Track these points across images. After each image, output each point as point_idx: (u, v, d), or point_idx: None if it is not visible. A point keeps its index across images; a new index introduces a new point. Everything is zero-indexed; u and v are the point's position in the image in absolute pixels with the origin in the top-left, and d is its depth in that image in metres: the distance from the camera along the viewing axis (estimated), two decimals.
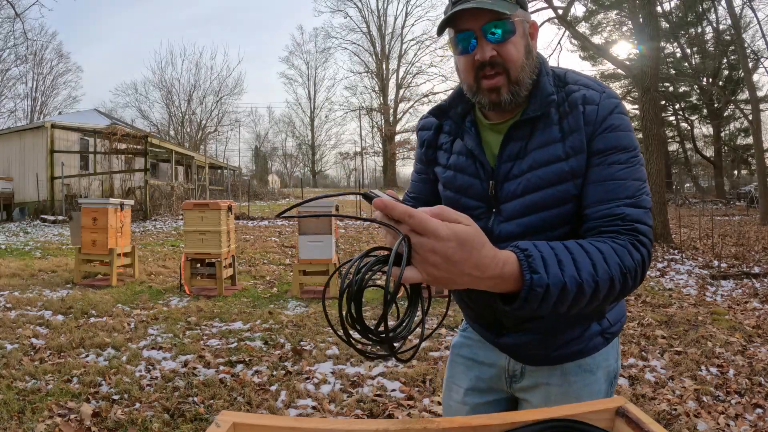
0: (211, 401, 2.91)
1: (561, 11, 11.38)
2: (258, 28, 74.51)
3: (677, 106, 29.32)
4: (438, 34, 0.95)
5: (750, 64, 17.29)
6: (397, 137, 37.33)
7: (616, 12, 22.63)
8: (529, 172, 0.94)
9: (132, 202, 7.22)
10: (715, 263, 7.48)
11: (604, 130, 0.90)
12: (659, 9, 16.41)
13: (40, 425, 2.53)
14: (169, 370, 3.39)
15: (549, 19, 12.27)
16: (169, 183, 19.26)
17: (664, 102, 26.19)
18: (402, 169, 38.36)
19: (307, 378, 3.30)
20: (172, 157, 20.67)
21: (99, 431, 2.55)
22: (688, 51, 25.47)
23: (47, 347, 3.77)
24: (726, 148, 28.49)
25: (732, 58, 23.26)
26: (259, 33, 75.38)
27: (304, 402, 2.95)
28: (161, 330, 4.33)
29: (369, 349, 0.72)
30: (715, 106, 26.62)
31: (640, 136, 10.61)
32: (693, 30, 23.75)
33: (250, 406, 2.89)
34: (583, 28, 22.39)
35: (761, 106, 19.12)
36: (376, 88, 40.37)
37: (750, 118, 15.86)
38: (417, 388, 3.14)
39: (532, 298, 0.70)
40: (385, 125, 38.78)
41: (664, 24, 20.20)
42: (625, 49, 26.16)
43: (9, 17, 19.06)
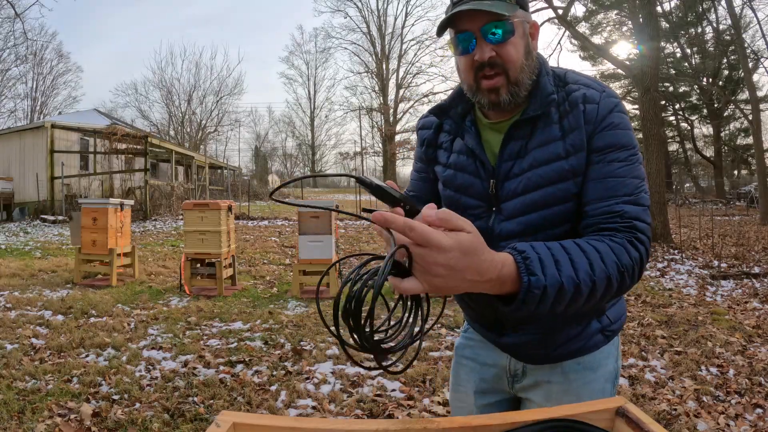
0: (211, 401, 2.91)
1: (561, 11, 11.39)
2: (258, 28, 74.58)
3: (677, 106, 29.33)
4: (438, 35, 0.96)
5: (750, 64, 17.31)
6: (397, 137, 37.26)
7: (616, 12, 22.65)
8: (530, 171, 0.94)
9: (132, 202, 7.22)
10: (715, 263, 7.48)
11: (604, 128, 0.91)
12: (659, 9, 16.41)
13: (40, 425, 2.53)
14: (169, 370, 3.39)
15: (549, 19, 12.29)
16: (169, 183, 19.27)
17: (664, 102, 26.20)
18: (402, 169, 38.35)
19: (307, 378, 3.30)
20: (172, 157, 20.68)
21: (99, 431, 2.55)
22: (688, 51, 25.48)
23: (47, 347, 3.77)
24: (726, 148, 28.50)
25: (732, 58, 23.27)
26: (259, 33, 75.45)
27: (304, 402, 2.95)
28: (161, 330, 4.34)
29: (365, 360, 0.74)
30: (715, 106, 26.62)
31: (640, 136, 10.62)
32: (693, 30, 23.76)
33: (250, 406, 2.89)
34: (583, 28, 22.41)
35: (761, 106, 19.13)
36: (376, 88, 40.36)
37: (750, 118, 15.87)
38: (417, 388, 3.14)
39: (529, 300, 0.70)
40: (385, 125, 38.73)
41: (664, 24, 20.20)
42: (625, 49, 26.19)
43: (9, 17, 19.08)
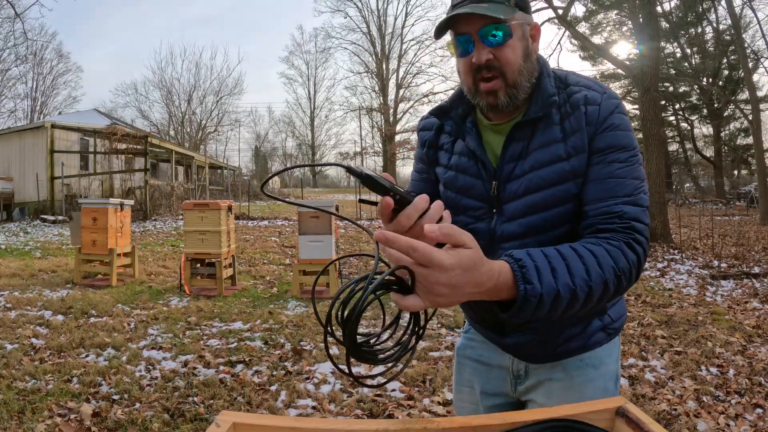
0: (211, 401, 2.91)
1: (561, 11, 11.38)
2: (258, 28, 74.62)
3: (677, 106, 29.32)
4: (435, 37, 0.97)
5: (750, 64, 17.30)
6: (397, 137, 37.24)
7: (616, 12, 22.63)
8: (531, 172, 0.95)
9: (132, 202, 7.22)
10: (715, 263, 7.48)
11: (605, 129, 0.91)
12: (659, 9, 16.41)
13: (40, 425, 2.54)
14: (169, 370, 3.39)
15: (549, 19, 12.29)
16: (169, 183, 19.26)
17: (664, 102, 26.19)
18: (402, 169, 38.31)
19: (307, 378, 3.30)
20: (172, 157, 20.68)
21: (99, 431, 2.55)
22: (688, 51, 25.46)
23: (47, 347, 3.77)
24: (726, 148, 28.49)
25: (732, 58, 23.26)
26: (259, 33, 75.51)
27: (304, 402, 2.95)
28: (161, 330, 4.33)
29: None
30: (715, 106, 26.61)
31: (640, 136, 10.62)
32: (693, 30, 23.75)
33: (250, 406, 2.89)
34: (583, 28, 22.39)
35: (761, 106, 19.13)
36: (376, 88, 40.36)
37: (750, 118, 15.86)
38: (417, 388, 3.14)
39: (526, 308, 0.71)
40: (385, 125, 38.72)
41: (664, 24, 20.20)
42: (625, 49, 26.15)
43: (9, 17, 19.08)
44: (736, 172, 32.45)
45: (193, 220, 5.94)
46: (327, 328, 0.66)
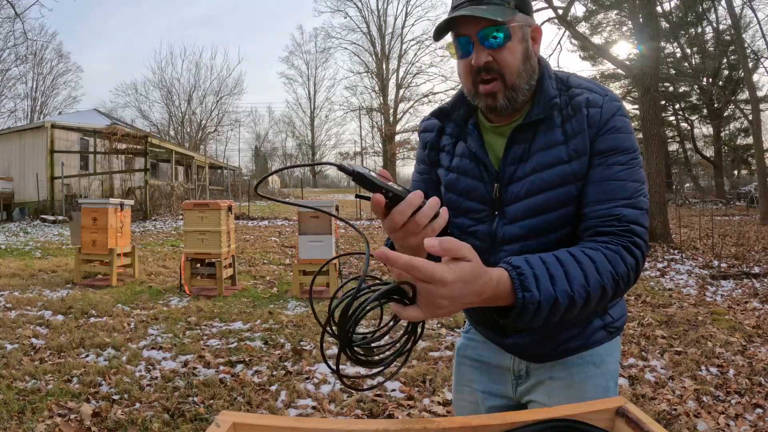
0: (211, 401, 2.91)
1: (561, 11, 11.38)
2: (258, 28, 74.58)
3: (677, 106, 29.32)
4: (435, 39, 0.96)
5: (750, 64, 17.30)
6: (397, 137, 37.22)
7: (616, 12, 22.63)
8: (533, 175, 0.95)
9: (132, 202, 7.22)
10: (715, 263, 7.48)
11: (606, 131, 0.91)
12: (659, 9, 16.40)
13: (40, 425, 2.54)
14: (169, 370, 3.39)
15: (549, 19, 12.29)
16: (169, 183, 19.27)
17: (664, 102, 26.18)
18: (402, 169, 38.30)
19: (307, 378, 3.30)
20: (172, 157, 20.68)
21: (99, 431, 2.55)
22: (688, 51, 25.46)
23: (47, 347, 3.77)
24: (726, 148, 28.49)
25: (732, 58, 23.26)
26: (259, 33, 75.49)
27: (304, 402, 2.95)
28: (161, 330, 4.34)
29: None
30: (715, 106, 26.61)
31: (640, 136, 10.61)
32: (693, 30, 23.75)
33: (250, 406, 2.89)
34: (583, 28, 22.39)
35: (761, 106, 19.13)
36: (376, 88, 40.32)
37: (750, 118, 15.86)
38: (417, 388, 3.14)
39: (524, 314, 0.72)
40: (385, 125, 38.70)
41: (664, 24, 20.19)
42: (625, 49, 26.13)
43: (9, 17, 19.08)
44: (736, 172, 32.46)
45: (193, 220, 5.94)
46: (326, 328, 0.66)
